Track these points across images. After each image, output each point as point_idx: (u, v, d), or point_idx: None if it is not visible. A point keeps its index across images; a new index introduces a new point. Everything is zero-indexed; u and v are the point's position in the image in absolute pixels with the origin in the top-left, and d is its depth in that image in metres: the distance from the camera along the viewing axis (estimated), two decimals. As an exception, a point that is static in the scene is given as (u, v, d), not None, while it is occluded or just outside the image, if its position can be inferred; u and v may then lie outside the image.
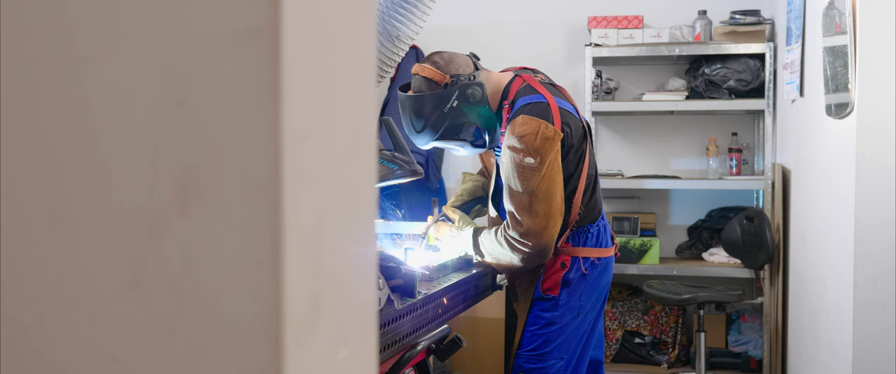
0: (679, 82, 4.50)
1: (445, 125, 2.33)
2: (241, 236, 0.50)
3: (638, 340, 4.51)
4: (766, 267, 4.10)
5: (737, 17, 4.34)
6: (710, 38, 4.38)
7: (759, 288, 4.24)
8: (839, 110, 2.83)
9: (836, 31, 2.87)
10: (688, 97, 4.42)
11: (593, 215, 2.42)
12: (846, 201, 2.76)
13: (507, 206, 2.25)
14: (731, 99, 4.32)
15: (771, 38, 4.30)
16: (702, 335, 3.86)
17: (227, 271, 0.51)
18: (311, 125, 0.53)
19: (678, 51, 4.34)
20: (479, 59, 2.44)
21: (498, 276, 2.55)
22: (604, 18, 4.53)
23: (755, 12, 4.35)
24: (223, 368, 0.50)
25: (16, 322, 0.55)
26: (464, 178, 2.79)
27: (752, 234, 4.10)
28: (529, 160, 2.19)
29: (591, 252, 2.38)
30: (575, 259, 2.36)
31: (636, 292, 4.63)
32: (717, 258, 4.41)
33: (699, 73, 4.38)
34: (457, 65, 2.35)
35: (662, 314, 4.51)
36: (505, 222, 2.27)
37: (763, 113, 4.33)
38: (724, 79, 4.31)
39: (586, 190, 2.38)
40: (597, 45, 4.44)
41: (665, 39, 4.43)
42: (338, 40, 0.57)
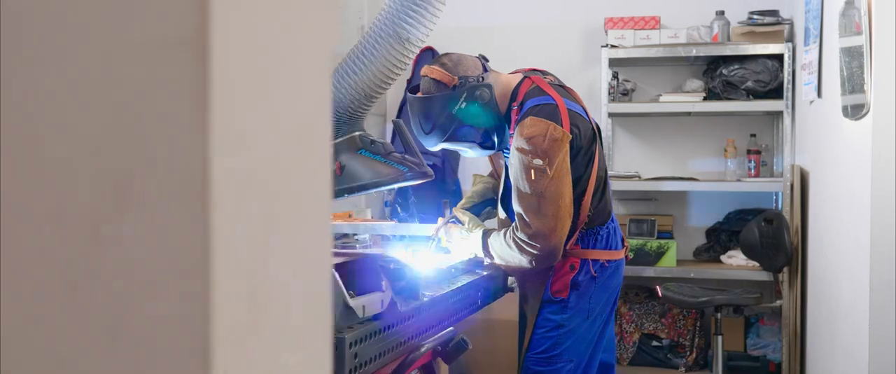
0: (696, 83, 4.47)
1: (453, 127, 2.33)
2: (172, 241, 0.51)
3: (655, 343, 4.48)
4: (784, 270, 4.06)
5: (755, 17, 4.30)
6: (728, 39, 4.34)
7: (778, 291, 4.19)
8: (855, 111, 2.80)
9: (856, 30, 2.84)
10: (705, 98, 4.39)
11: (603, 216, 2.41)
12: (862, 202, 2.73)
13: (515, 207, 2.25)
14: (750, 100, 4.28)
15: (789, 38, 4.26)
16: (719, 338, 3.83)
17: (159, 275, 0.51)
18: (246, 131, 0.53)
19: (695, 52, 4.31)
20: (488, 61, 2.44)
21: (509, 278, 2.55)
22: (620, 19, 4.51)
23: (773, 12, 4.31)
24: (159, 371, 0.50)
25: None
26: (474, 180, 2.79)
27: (770, 236, 4.06)
28: (538, 162, 2.18)
29: (600, 255, 2.37)
30: (584, 261, 2.34)
31: (653, 294, 4.60)
32: (736, 261, 4.37)
33: (717, 74, 4.35)
34: (465, 66, 2.35)
35: (680, 317, 4.47)
36: (513, 224, 2.27)
37: (782, 114, 4.29)
38: (742, 80, 4.28)
39: (596, 192, 2.37)
40: (613, 46, 4.42)
41: (682, 40, 4.40)
42: (276, 48, 0.57)
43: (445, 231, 2.52)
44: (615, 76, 4.52)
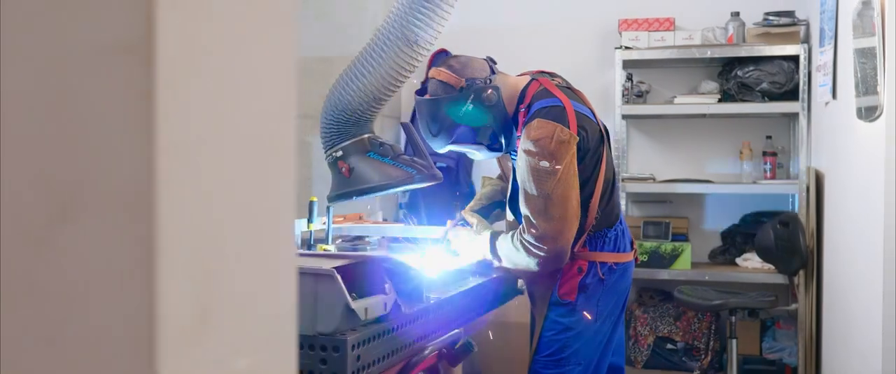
0: (711, 85, 4.44)
1: (461, 129, 2.33)
2: (116, 248, 0.51)
3: (670, 346, 4.45)
4: (800, 273, 4.02)
5: (770, 18, 4.26)
6: (743, 40, 4.31)
7: (794, 294, 4.15)
8: (869, 113, 2.77)
9: (872, 31, 2.81)
10: (720, 100, 4.35)
11: (611, 219, 2.40)
12: (876, 205, 2.70)
13: (522, 209, 2.24)
14: (765, 102, 4.24)
15: (805, 39, 4.22)
16: (734, 341, 3.80)
17: (104, 282, 0.51)
18: (194, 138, 0.53)
19: (710, 53, 4.28)
20: (496, 63, 2.43)
21: (519, 280, 2.54)
22: (634, 21, 4.48)
23: (789, 13, 4.27)
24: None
25: None
26: (483, 182, 2.78)
27: (785, 239, 4.02)
28: (545, 164, 2.18)
29: (608, 257, 2.36)
30: (592, 264, 2.34)
31: (668, 297, 4.57)
32: (751, 264, 4.34)
33: (732, 75, 4.32)
34: (472, 69, 2.35)
35: (695, 320, 4.44)
36: (521, 226, 2.26)
37: (798, 116, 4.25)
38: (758, 81, 4.24)
39: (604, 194, 2.35)
40: (627, 47, 4.40)
41: (697, 42, 4.37)
42: (227, 53, 0.57)
43: (454, 233, 2.52)
44: (629, 78, 4.50)
